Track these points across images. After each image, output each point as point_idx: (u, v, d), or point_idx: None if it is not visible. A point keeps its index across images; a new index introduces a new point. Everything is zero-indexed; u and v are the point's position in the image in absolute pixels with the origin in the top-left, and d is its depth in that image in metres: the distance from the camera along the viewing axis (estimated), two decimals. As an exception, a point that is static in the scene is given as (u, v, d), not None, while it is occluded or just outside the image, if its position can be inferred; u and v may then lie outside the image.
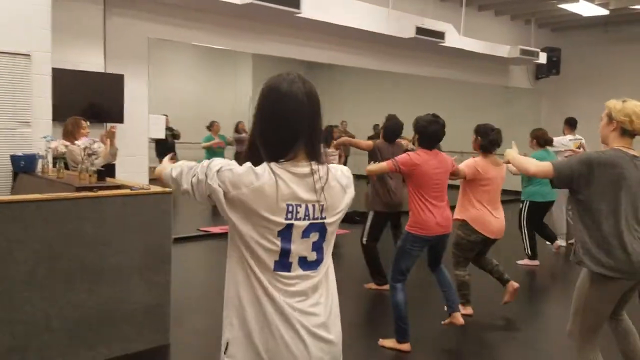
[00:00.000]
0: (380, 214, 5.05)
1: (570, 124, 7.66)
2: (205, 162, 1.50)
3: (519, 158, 3.04)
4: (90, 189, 3.57)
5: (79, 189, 3.60)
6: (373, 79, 12.48)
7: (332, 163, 6.55)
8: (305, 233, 1.50)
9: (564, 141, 7.29)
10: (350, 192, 1.60)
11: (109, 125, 5.26)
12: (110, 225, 3.51)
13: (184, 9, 6.74)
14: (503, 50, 10.09)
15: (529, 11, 10.83)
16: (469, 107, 12.34)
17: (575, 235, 2.78)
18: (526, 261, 6.33)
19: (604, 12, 9.78)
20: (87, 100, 5.99)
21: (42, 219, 3.24)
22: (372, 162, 4.74)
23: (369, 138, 9.30)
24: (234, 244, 1.52)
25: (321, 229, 1.52)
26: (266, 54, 7.90)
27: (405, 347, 3.77)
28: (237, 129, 10.60)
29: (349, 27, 7.70)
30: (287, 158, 1.48)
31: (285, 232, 1.47)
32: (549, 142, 6.30)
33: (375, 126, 9.88)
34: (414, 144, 3.98)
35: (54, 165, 4.47)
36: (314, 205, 1.49)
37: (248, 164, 1.48)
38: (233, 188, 1.44)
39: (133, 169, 6.23)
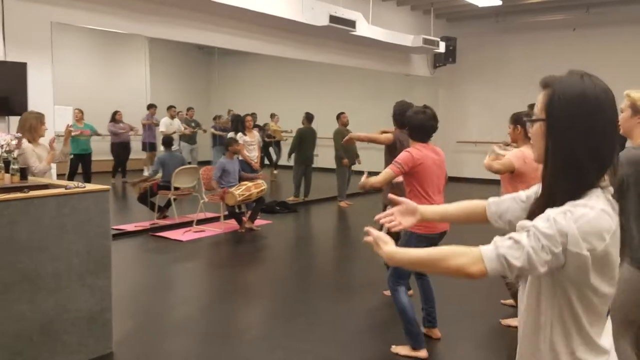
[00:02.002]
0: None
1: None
2: (548, 229, 1.17)
3: None
4: (19, 189, 3.22)
5: (6, 190, 3.24)
6: (282, 67, 12.45)
7: (251, 153, 6.38)
8: None
9: None
10: None
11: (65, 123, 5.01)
12: (45, 229, 3.20)
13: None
14: (407, 39, 10.45)
15: (428, 1, 11.29)
16: (373, 94, 12.70)
17: None
18: None
19: (498, 2, 10.43)
20: (-15, 91, 5.41)
21: (-31, 226, 2.89)
22: (388, 158, 4.29)
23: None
24: (557, 287, 1.25)
25: None
26: (176, 39, 7.57)
27: (423, 353, 3.59)
28: (114, 119, 10.11)
29: (261, 14, 7.56)
30: (603, 181, 1.23)
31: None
32: None
33: (308, 114, 9.78)
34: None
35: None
36: None
37: (595, 204, 1.18)
38: (599, 242, 1.16)
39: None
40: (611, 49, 10.99)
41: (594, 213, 1.16)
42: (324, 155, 10.63)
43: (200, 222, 7.73)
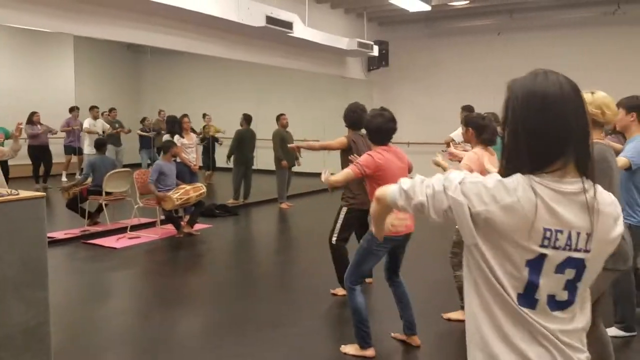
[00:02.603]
0: (353, 211, 4.63)
1: (470, 111, 7.45)
2: (442, 175, 1.31)
3: None
4: (-54, 197, 2.98)
5: None
6: (216, 67, 12.26)
7: (189, 155, 6.32)
8: (560, 268, 1.24)
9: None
10: (620, 226, 1.31)
11: None
12: (-25, 239, 2.97)
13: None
14: (342, 42, 10.56)
15: (361, 5, 11.46)
16: (310, 96, 12.76)
17: None
18: None
19: (427, 8, 10.74)
20: None
21: None
22: (346, 159, 4.27)
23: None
24: (469, 270, 1.30)
25: (579, 265, 1.26)
26: (105, 38, 7.28)
27: (370, 352, 3.60)
28: (31, 121, 9.56)
29: (195, 12, 7.39)
30: (551, 170, 1.24)
31: (536, 263, 1.23)
32: None
33: (246, 115, 9.63)
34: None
35: None
36: (578, 234, 1.24)
37: (496, 177, 1.25)
38: (479, 203, 1.22)
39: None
40: (535, 52, 11.58)
41: (487, 180, 1.24)
42: (263, 157, 10.55)
43: (135, 227, 7.45)
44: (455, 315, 4.31)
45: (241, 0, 7.96)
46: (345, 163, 4.49)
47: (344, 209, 4.67)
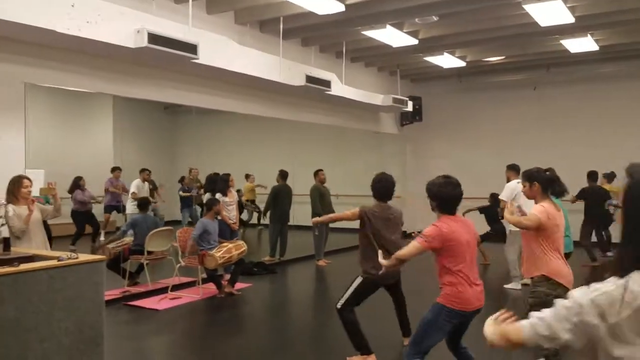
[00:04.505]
0: (368, 281, 4.48)
1: (516, 170, 7.28)
2: (571, 301, 1.35)
3: None
4: (8, 262, 2.93)
5: (-9, 264, 2.93)
6: (250, 125, 12.40)
7: (230, 214, 6.30)
8: None
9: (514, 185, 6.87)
10: None
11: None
12: (34, 306, 2.90)
13: (61, 50, 6.09)
14: (377, 98, 10.63)
15: (394, 63, 11.59)
16: (345, 150, 12.78)
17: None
18: None
19: (462, 64, 10.79)
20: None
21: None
22: (361, 230, 4.40)
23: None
24: None
25: None
26: (152, 99, 7.43)
27: None
28: (78, 185, 8.97)
29: (239, 74, 7.53)
30: None
31: None
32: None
33: (282, 172, 9.60)
34: (433, 210, 3.52)
35: None
36: None
37: (618, 281, 1.32)
38: (611, 314, 1.28)
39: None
40: (571, 106, 11.46)
41: (611, 287, 1.29)
42: (299, 213, 10.47)
43: (176, 287, 7.33)
44: None
45: (283, 61, 8.10)
46: (360, 233, 4.50)
47: (359, 279, 4.52)
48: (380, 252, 3.38)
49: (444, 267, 3.34)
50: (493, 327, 1.57)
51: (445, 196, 3.40)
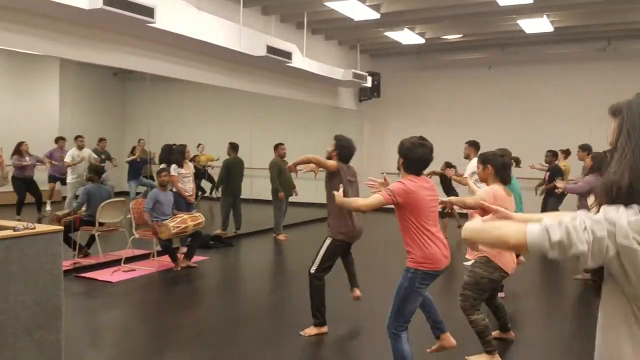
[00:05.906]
0: (338, 242, 4.62)
1: (476, 147, 7.02)
2: (589, 214, 1.23)
3: None
4: (-41, 232, 2.74)
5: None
6: (211, 96, 12.10)
7: (186, 185, 6.19)
8: None
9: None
10: None
11: None
12: (-12, 278, 2.74)
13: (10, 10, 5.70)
14: (338, 73, 10.55)
15: (354, 37, 11.51)
16: (302, 125, 12.67)
17: None
18: None
19: (421, 40, 10.83)
20: None
21: None
22: (330, 185, 4.48)
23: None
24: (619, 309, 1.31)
25: None
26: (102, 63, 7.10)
27: None
28: (19, 151, 8.84)
29: (198, 41, 7.28)
30: None
31: None
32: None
33: (233, 144, 9.37)
34: (399, 169, 3.62)
35: None
36: None
37: (622, 207, 1.22)
38: None
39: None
40: (525, 86, 11.73)
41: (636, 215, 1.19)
42: (258, 186, 10.36)
43: (129, 260, 7.14)
44: (479, 358, 4.14)
45: (243, 30, 7.89)
46: (329, 191, 4.51)
47: (329, 240, 4.64)
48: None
49: (408, 228, 3.38)
50: (479, 224, 1.45)
51: (416, 157, 3.43)
